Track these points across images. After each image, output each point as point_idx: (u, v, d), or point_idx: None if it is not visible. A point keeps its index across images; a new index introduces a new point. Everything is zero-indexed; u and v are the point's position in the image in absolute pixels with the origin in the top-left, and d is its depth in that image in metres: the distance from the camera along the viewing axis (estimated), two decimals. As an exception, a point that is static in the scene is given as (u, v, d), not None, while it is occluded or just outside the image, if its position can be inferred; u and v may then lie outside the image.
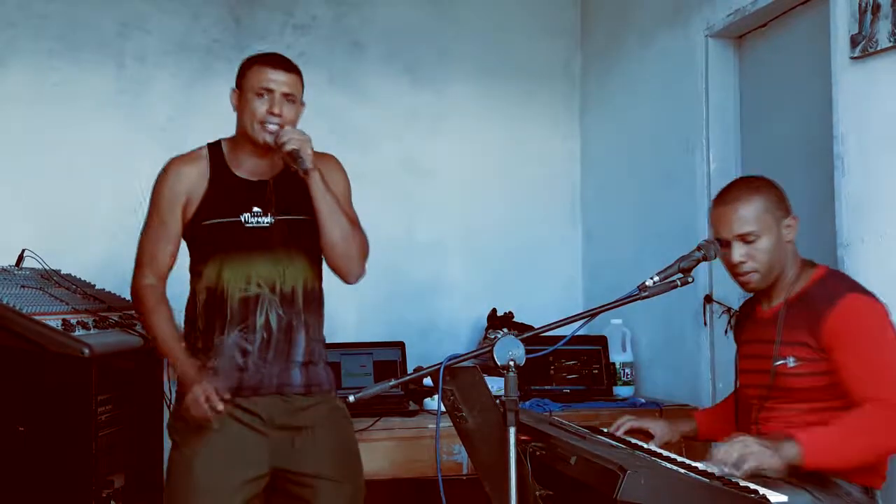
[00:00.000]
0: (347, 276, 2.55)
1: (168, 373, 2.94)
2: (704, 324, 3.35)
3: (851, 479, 2.16)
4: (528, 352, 1.90)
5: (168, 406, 3.03)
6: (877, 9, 2.50)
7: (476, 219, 4.19)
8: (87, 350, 2.63)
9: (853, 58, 2.59)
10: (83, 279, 3.41)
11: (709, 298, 3.33)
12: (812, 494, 2.10)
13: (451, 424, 2.16)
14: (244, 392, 2.46)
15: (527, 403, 3.32)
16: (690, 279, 2.13)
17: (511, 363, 1.87)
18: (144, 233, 2.56)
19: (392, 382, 2.03)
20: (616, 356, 3.68)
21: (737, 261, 2.28)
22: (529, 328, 3.62)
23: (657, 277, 2.12)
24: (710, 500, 1.79)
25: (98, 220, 3.78)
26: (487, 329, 3.96)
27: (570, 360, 3.64)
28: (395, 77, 4.15)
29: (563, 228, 4.31)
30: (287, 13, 4.04)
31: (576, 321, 2.09)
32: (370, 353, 3.61)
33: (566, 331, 2.10)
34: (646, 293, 2.10)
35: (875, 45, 2.51)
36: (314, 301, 2.57)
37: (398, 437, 3.07)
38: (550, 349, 2.91)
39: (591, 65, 4.26)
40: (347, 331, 3.80)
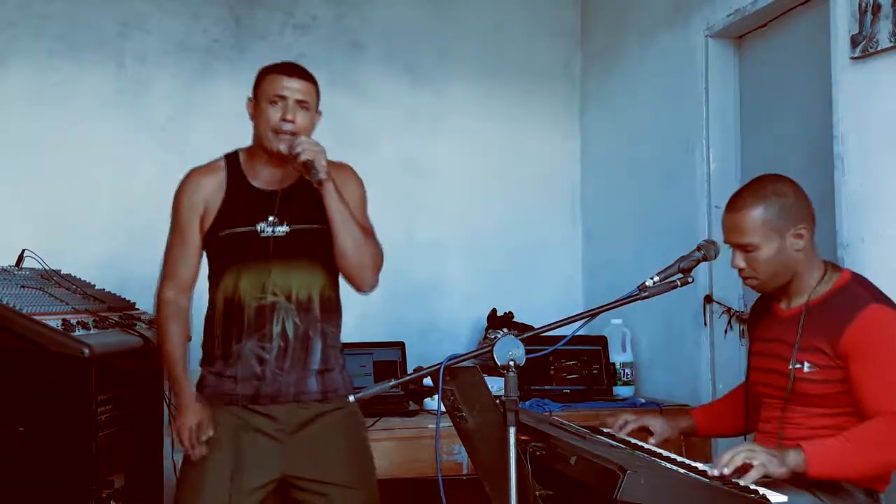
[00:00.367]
0: (361, 286, 2.55)
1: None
2: (704, 324, 3.35)
3: (856, 483, 2.15)
4: (528, 352, 1.90)
5: (168, 406, 3.03)
6: (877, 9, 2.50)
7: (476, 219, 4.19)
8: (87, 350, 2.64)
9: (853, 58, 2.59)
10: (83, 279, 3.41)
11: (709, 298, 3.33)
12: (815, 495, 2.10)
13: (451, 424, 2.16)
14: (262, 400, 2.46)
15: (527, 403, 3.33)
16: (690, 279, 2.14)
17: (511, 363, 1.88)
18: (167, 246, 2.57)
19: (392, 382, 2.03)
20: (616, 356, 3.68)
21: (736, 267, 2.29)
22: (529, 328, 3.62)
23: (657, 277, 2.12)
24: (710, 500, 1.79)
25: (98, 220, 3.78)
26: (487, 329, 3.96)
27: (570, 360, 3.64)
28: (395, 77, 4.15)
29: (563, 228, 4.32)
30: (287, 13, 4.05)
31: (576, 321, 2.10)
32: (370, 354, 3.60)
33: (566, 331, 2.11)
34: (646, 293, 2.10)
35: (875, 45, 2.51)
36: (331, 309, 2.57)
37: (398, 437, 3.08)
38: (550, 349, 2.90)
39: (591, 65, 4.26)
40: (347, 331, 3.72)
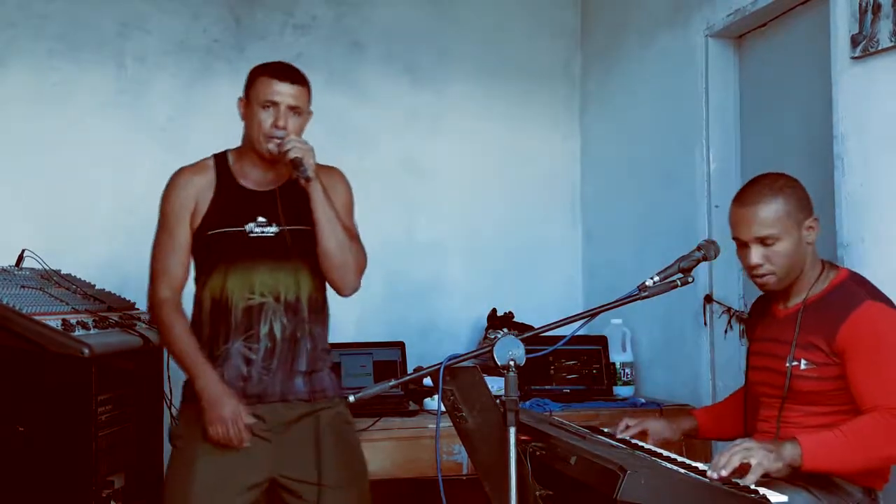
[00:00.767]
0: (342, 289, 2.55)
1: (168, 373, 2.94)
2: (704, 324, 3.35)
3: (853, 481, 2.16)
4: (528, 352, 1.91)
5: (168, 406, 3.03)
6: (877, 9, 2.50)
7: (476, 219, 4.19)
8: (87, 350, 2.64)
9: (853, 58, 2.59)
10: (83, 279, 3.41)
11: (709, 298, 3.33)
12: (813, 494, 2.10)
13: (451, 424, 2.16)
14: (248, 400, 2.45)
15: (527, 403, 3.32)
16: (690, 279, 2.14)
17: (511, 363, 1.88)
18: (155, 245, 2.55)
19: (392, 382, 2.03)
20: (616, 356, 3.67)
21: (754, 263, 2.25)
22: (529, 328, 3.62)
23: (657, 277, 2.12)
24: (710, 500, 1.79)
25: (98, 220, 3.78)
26: (487, 329, 3.96)
27: (570, 360, 3.63)
28: (395, 77, 4.14)
29: (563, 228, 4.31)
30: (287, 13, 4.04)
31: (576, 321, 2.10)
32: (370, 354, 3.60)
33: (566, 331, 2.11)
34: (646, 293, 2.10)
35: (876, 45, 2.51)
36: (319, 310, 2.57)
37: (398, 437, 3.07)
38: (550, 349, 2.91)
39: (591, 65, 4.26)
40: (347, 331, 3.79)
